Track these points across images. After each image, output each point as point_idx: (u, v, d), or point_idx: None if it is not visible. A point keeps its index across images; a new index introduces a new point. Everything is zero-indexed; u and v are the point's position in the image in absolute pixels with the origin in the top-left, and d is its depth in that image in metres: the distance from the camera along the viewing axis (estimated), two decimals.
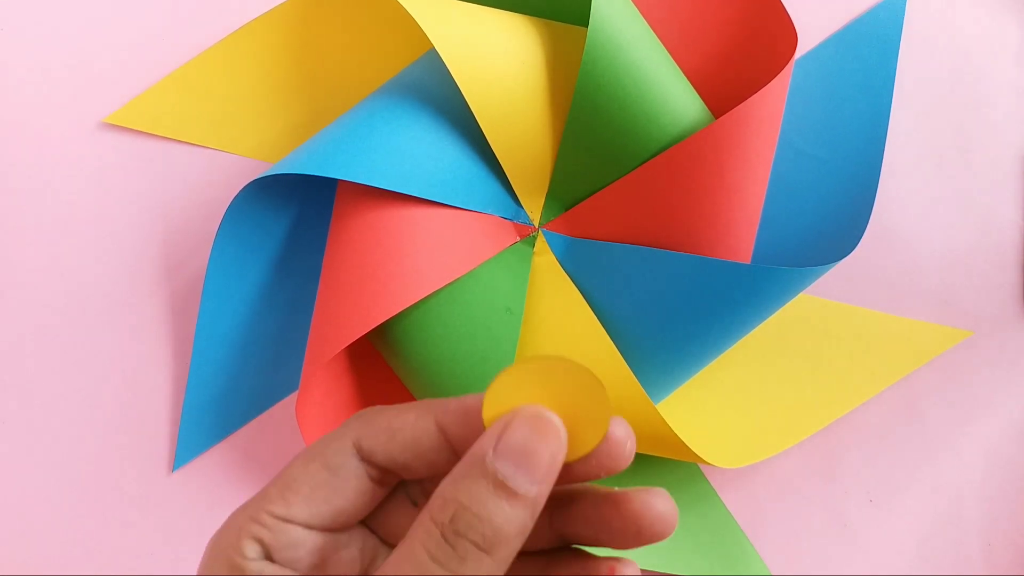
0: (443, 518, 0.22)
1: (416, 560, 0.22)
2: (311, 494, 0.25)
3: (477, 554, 0.22)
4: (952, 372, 0.47)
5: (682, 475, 0.45)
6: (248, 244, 0.44)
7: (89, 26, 0.47)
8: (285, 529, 0.25)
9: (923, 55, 0.48)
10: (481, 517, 0.22)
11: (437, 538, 0.22)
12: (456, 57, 0.39)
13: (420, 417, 0.25)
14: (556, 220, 0.43)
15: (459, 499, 0.22)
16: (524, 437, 0.22)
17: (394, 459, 0.25)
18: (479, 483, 0.22)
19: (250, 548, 0.25)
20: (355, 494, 0.25)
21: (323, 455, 0.26)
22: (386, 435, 0.25)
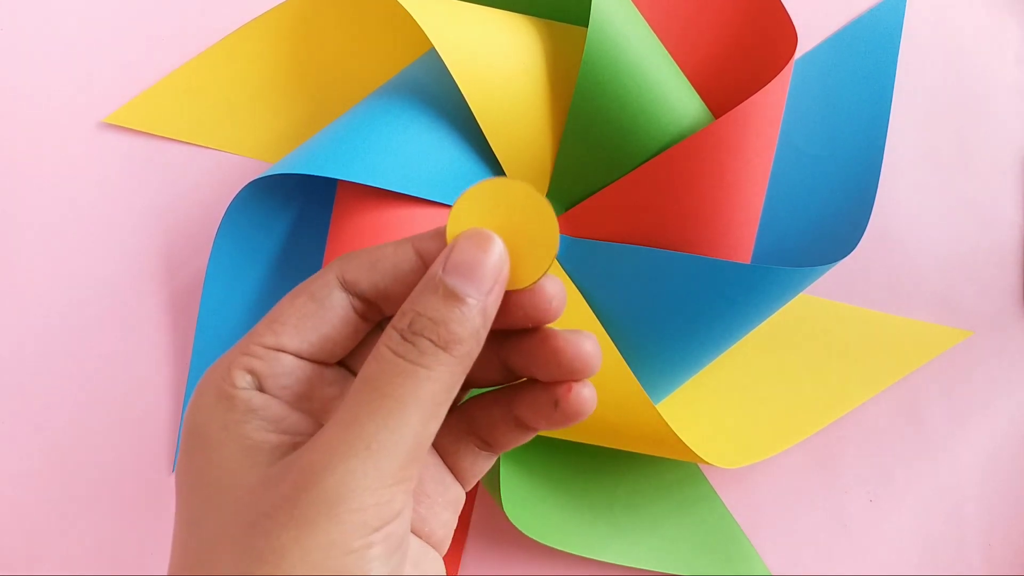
0: (403, 324, 0.25)
1: (381, 357, 0.24)
2: (299, 324, 0.27)
3: (434, 349, 0.25)
4: (952, 372, 0.47)
5: (682, 475, 0.45)
6: (248, 244, 0.44)
7: (89, 26, 0.47)
8: (275, 357, 0.26)
9: (923, 55, 0.48)
10: (435, 320, 0.25)
11: (398, 339, 0.25)
12: (456, 57, 0.39)
13: (398, 246, 0.27)
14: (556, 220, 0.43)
15: (415, 309, 0.25)
16: (468, 253, 0.25)
17: (376, 286, 0.27)
18: (433, 296, 0.25)
19: (241, 377, 0.26)
20: (341, 323, 0.27)
21: (308, 289, 0.27)
22: (368, 265, 0.27)
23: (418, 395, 0.24)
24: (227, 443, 0.25)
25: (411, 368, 0.24)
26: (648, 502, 0.44)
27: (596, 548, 0.43)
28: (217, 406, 0.26)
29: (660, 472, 0.45)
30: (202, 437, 0.26)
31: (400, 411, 0.24)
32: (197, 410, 0.26)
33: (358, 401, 0.24)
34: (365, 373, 0.25)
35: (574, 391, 0.27)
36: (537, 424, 0.28)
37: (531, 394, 0.28)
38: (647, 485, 0.45)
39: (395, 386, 0.24)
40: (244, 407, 0.26)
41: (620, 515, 0.44)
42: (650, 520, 0.44)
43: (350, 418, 0.24)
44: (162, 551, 0.45)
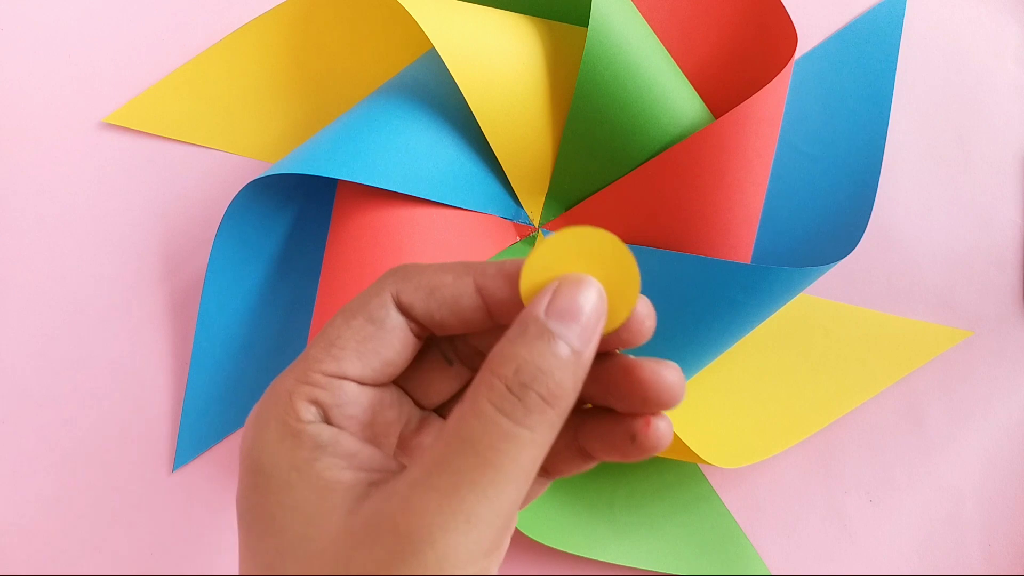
0: (507, 372, 0.23)
1: (483, 413, 0.23)
2: (359, 347, 0.26)
3: (542, 406, 0.23)
4: (952, 372, 0.47)
5: (682, 475, 0.45)
6: (248, 244, 0.44)
7: (89, 26, 0.47)
8: (339, 386, 0.25)
9: (923, 55, 0.48)
10: (543, 370, 0.23)
11: (502, 391, 0.23)
12: (456, 57, 0.39)
13: (459, 277, 0.26)
14: (556, 220, 0.43)
15: (521, 355, 0.23)
16: (572, 299, 0.24)
17: (431, 315, 0.26)
18: (537, 340, 0.23)
19: (306, 410, 0.25)
20: (401, 345, 0.26)
21: (364, 310, 0.26)
22: (425, 291, 0.26)
23: (520, 462, 0.23)
24: (298, 484, 0.24)
25: (515, 430, 0.23)
26: (648, 502, 0.44)
27: (596, 548, 0.43)
28: (283, 443, 0.25)
29: (660, 472, 0.45)
30: (268, 476, 0.25)
31: (503, 482, 0.23)
32: (260, 446, 0.25)
33: (458, 466, 0.22)
34: (464, 434, 0.23)
35: (653, 425, 0.26)
36: (607, 456, 0.27)
37: (602, 425, 0.27)
38: (647, 485, 0.45)
39: (498, 452, 0.22)
40: (313, 443, 0.25)
41: (620, 515, 0.44)
42: (650, 520, 0.44)
43: (448, 485, 0.22)
44: (162, 551, 0.45)
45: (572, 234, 0.25)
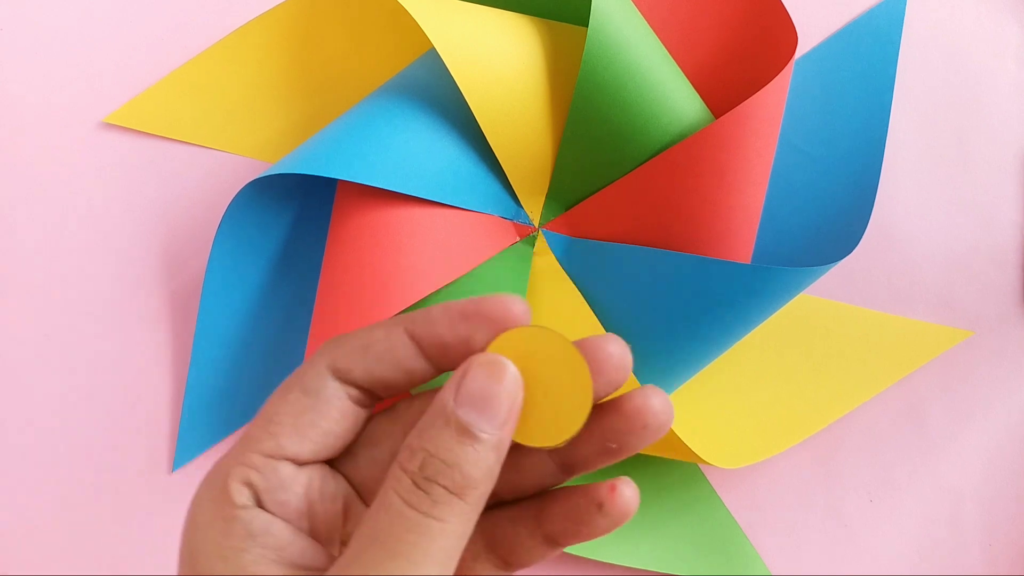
0: (412, 466, 0.23)
1: (391, 507, 0.23)
2: (296, 422, 0.25)
3: (448, 497, 0.23)
4: (952, 372, 0.47)
5: (682, 475, 0.45)
6: (248, 244, 0.44)
7: (89, 26, 0.47)
8: (274, 468, 0.25)
9: (923, 55, 0.48)
10: (448, 462, 0.23)
11: (408, 485, 0.23)
12: (456, 57, 0.39)
13: (390, 329, 0.25)
14: (556, 220, 0.43)
15: (426, 447, 0.23)
16: (481, 384, 0.23)
17: (371, 373, 0.25)
18: (444, 431, 0.23)
19: (239, 493, 0.24)
20: (339, 415, 0.25)
21: (300, 383, 0.25)
22: (359, 352, 0.25)
23: (431, 552, 0.22)
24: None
25: (424, 522, 0.22)
26: (648, 502, 0.44)
27: (596, 548, 0.43)
28: (212, 527, 0.24)
29: (660, 472, 0.45)
30: (195, 561, 0.24)
31: (414, 573, 0.22)
32: (193, 529, 0.25)
33: (369, 561, 0.22)
34: (374, 528, 0.23)
35: (618, 490, 0.25)
36: (575, 535, 0.26)
37: (566, 503, 0.26)
38: (647, 485, 0.45)
39: (408, 544, 0.22)
40: (244, 531, 0.24)
41: None
42: (650, 520, 0.44)
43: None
44: (162, 551, 0.45)
45: (526, 333, 0.24)
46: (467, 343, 0.24)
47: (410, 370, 0.25)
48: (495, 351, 0.24)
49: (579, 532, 0.26)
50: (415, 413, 0.26)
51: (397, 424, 0.27)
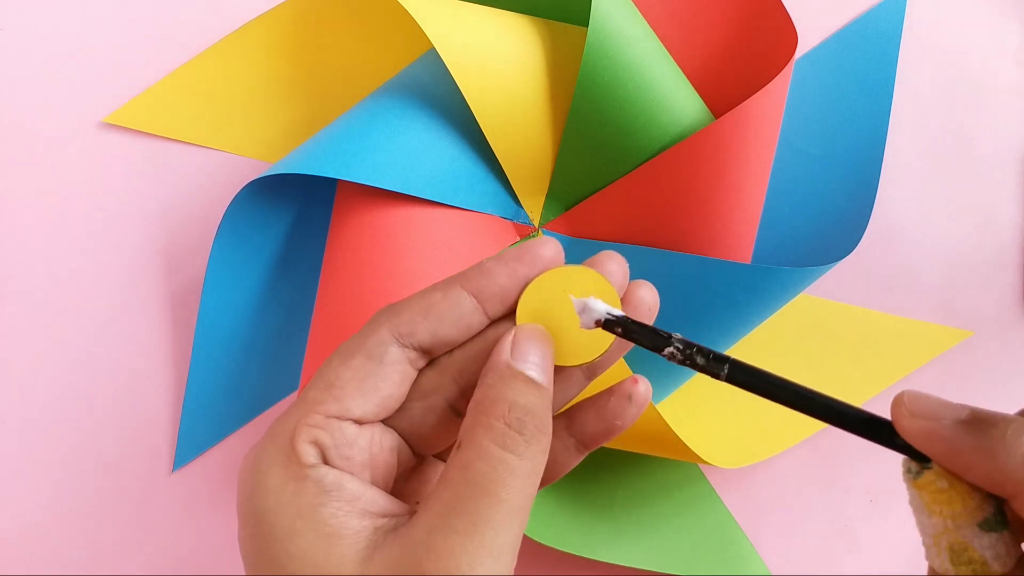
0: (502, 411, 0.25)
1: (488, 454, 0.25)
2: (360, 386, 0.26)
3: (539, 436, 0.25)
4: (952, 372, 0.47)
5: (682, 475, 0.45)
6: (248, 244, 0.44)
7: (89, 26, 0.47)
8: (340, 427, 0.26)
9: (923, 55, 0.48)
10: (530, 407, 0.25)
11: (503, 430, 0.25)
12: (456, 57, 0.39)
13: (447, 289, 0.27)
14: (556, 220, 0.43)
15: (507, 396, 0.25)
16: (532, 345, 0.26)
17: (435, 332, 0.27)
18: (515, 381, 0.26)
19: (309, 453, 0.25)
20: (400, 378, 0.27)
21: (363, 349, 0.27)
22: (421, 314, 0.27)
23: (526, 492, 0.25)
24: (304, 532, 0.24)
25: (518, 464, 0.25)
26: (648, 502, 0.44)
27: (596, 548, 0.43)
28: (285, 488, 0.25)
29: (660, 472, 0.45)
30: (271, 524, 0.25)
31: (514, 513, 0.24)
32: (261, 492, 0.25)
33: (474, 507, 0.24)
34: (473, 474, 0.24)
35: (639, 380, 0.29)
36: (607, 433, 0.29)
37: (596, 407, 0.29)
38: (647, 485, 0.45)
39: (507, 487, 0.24)
40: (317, 488, 0.25)
41: (620, 515, 0.44)
42: (650, 520, 0.44)
43: (468, 525, 0.24)
44: (162, 551, 0.45)
45: (562, 272, 0.28)
46: (524, 284, 0.27)
47: (469, 324, 0.27)
48: (537, 287, 0.27)
49: (611, 428, 0.29)
50: (458, 364, 0.28)
51: (445, 375, 0.28)
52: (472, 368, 0.28)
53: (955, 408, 0.25)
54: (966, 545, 0.24)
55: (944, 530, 0.25)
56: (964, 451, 0.24)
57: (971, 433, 0.24)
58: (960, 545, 0.24)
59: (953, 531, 0.24)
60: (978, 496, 0.24)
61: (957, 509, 0.24)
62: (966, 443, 0.24)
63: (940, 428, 0.24)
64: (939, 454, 0.24)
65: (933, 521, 0.25)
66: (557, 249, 0.28)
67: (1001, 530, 0.24)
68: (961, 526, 0.24)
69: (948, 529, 0.24)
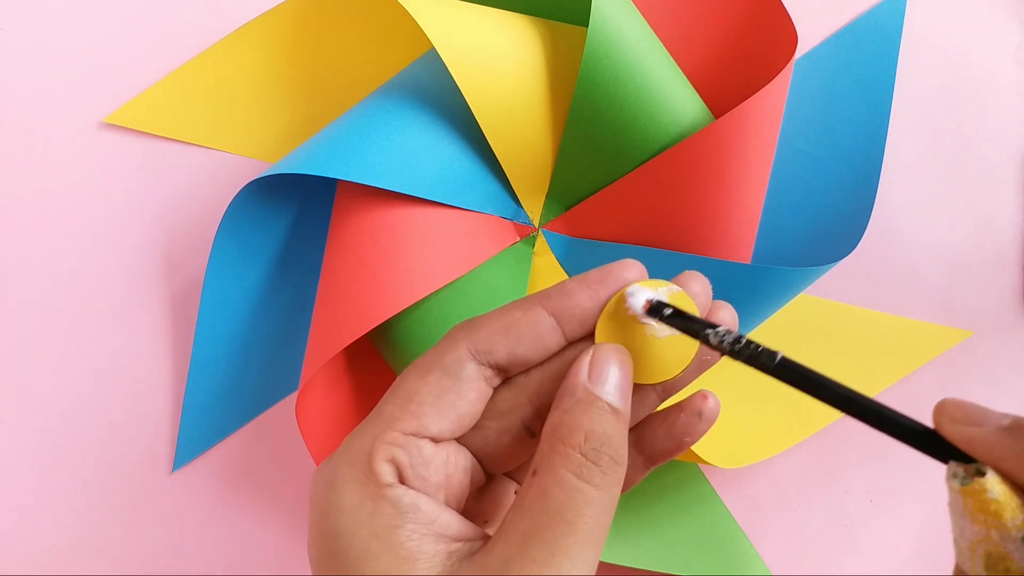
0: (578, 440, 0.25)
1: (565, 483, 0.24)
2: (437, 402, 0.26)
3: (614, 466, 0.25)
4: (952, 372, 0.47)
5: (682, 475, 0.45)
6: (248, 244, 0.44)
7: (89, 26, 0.47)
8: (417, 445, 0.26)
9: (923, 55, 0.48)
10: (607, 434, 0.25)
11: (579, 460, 0.24)
12: (456, 57, 0.39)
13: (527, 308, 0.27)
14: (556, 220, 0.43)
15: (584, 423, 0.25)
16: (611, 368, 0.26)
17: (513, 351, 0.27)
18: (592, 408, 0.25)
19: (387, 472, 0.25)
20: (476, 395, 0.27)
21: (440, 365, 0.27)
22: (501, 332, 0.27)
23: (602, 522, 0.24)
24: (380, 554, 0.24)
25: (595, 494, 0.24)
26: (648, 502, 0.44)
27: None
28: (362, 508, 0.25)
29: (660, 472, 0.45)
30: (347, 544, 0.25)
31: (591, 544, 0.24)
32: (337, 511, 0.25)
33: (551, 537, 0.24)
34: (551, 503, 0.24)
35: (708, 396, 0.29)
36: (677, 448, 0.29)
37: (666, 423, 0.29)
38: (647, 485, 0.45)
39: (584, 518, 0.24)
40: (394, 509, 0.25)
41: (620, 515, 0.44)
42: (650, 520, 0.44)
43: (546, 556, 0.23)
44: (162, 551, 0.45)
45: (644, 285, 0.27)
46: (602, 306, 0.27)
47: (548, 345, 0.27)
48: (618, 304, 0.27)
49: (681, 444, 0.29)
50: (535, 384, 0.28)
51: (521, 396, 0.28)
52: (548, 388, 0.27)
53: (997, 415, 0.24)
54: (1005, 555, 0.24)
55: (985, 538, 0.24)
56: (1008, 457, 0.23)
57: (1015, 438, 0.24)
58: (999, 555, 0.24)
59: (996, 541, 0.24)
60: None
61: (1004, 520, 0.24)
62: (1010, 449, 0.23)
63: (983, 434, 0.24)
64: (982, 460, 0.24)
65: (975, 528, 0.25)
66: (641, 272, 0.28)
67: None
68: (1005, 537, 0.24)
69: (990, 539, 0.24)
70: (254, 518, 0.45)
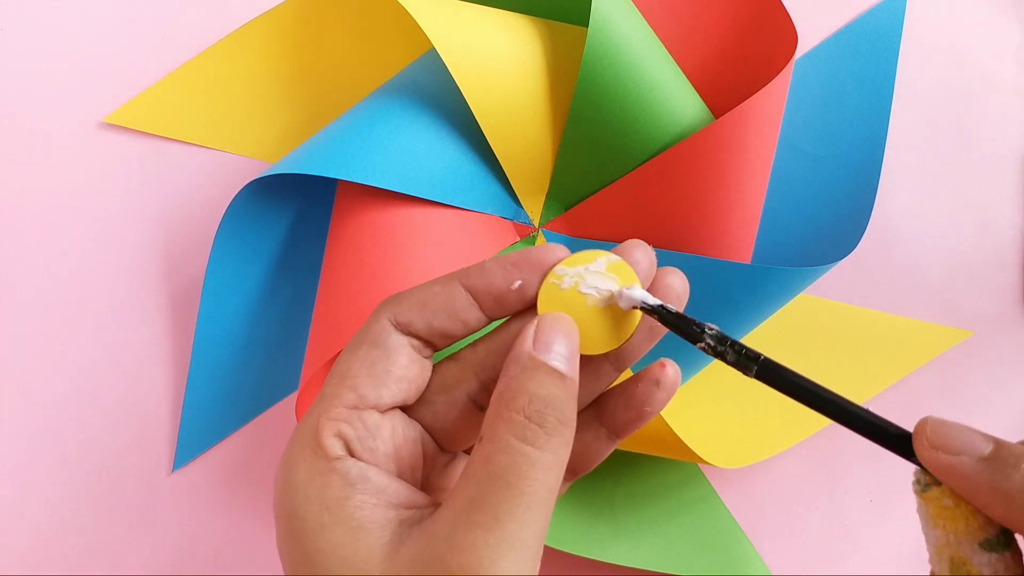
0: (522, 404, 0.25)
1: (508, 447, 0.25)
2: (370, 371, 0.27)
3: (560, 428, 0.25)
4: (952, 372, 0.47)
5: (682, 475, 0.45)
6: (248, 244, 0.44)
7: (89, 26, 0.47)
8: (361, 417, 0.26)
9: (923, 55, 0.48)
10: (552, 397, 0.25)
11: (522, 422, 0.25)
12: (456, 57, 0.39)
13: (446, 284, 0.28)
14: (556, 220, 0.43)
15: (528, 387, 0.25)
16: (554, 333, 0.26)
17: (430, 324, 0.27)
18: (537, 372, 0.25)
19: (334, 446, 0.26)
20: (407, 361, 0.27)
21: (366, 338, 0.27)
22: (419, 306, 0.27)
23: (548, 484, 0.25)
24: (332, 526, 0.25)
25: (539, 456, 0.24)
26: (648, 502, 0.44)
27: (596, 548, 0.43)
28: (312, 483, 0.25)
29: (660, 472, 0.45)
30: (302, 520, 0.25)
31: (537, 505, 0.24)
32: (290, 489, 0.26)
33: (495, 500, 0.24)
34: (494, 467, 0.24)
35: (666, 364, 0.29)
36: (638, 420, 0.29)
37: (625, 395, 0.29)
38: (647, 485, 0.45)
39: (528, 480, 0.24)
40: (343, 481, 0.25)
41: (620, 515, 0.44)
42: (650, 520, 0.44)
43: (490, 519, 0.24)
44: (162, 551, 0.45)
45: (581, 256, 0.27)
46: (520, 289, 0.27)
47: (465, 320, 0.27)
48: (555, 280, 0.27)
49: (642, 415, 0.29)
50: (480, 358, 0.28)
51: (467, 370, 0.28)
52: (493, 362, 0.28)
53: (977, 443, 0.24)
54: (965, 560, 0.24)
55: (946, 543, 0.25)
56: (983, 491, 0.24)
57: (990, 472, 0.24)
58: (960, 560, 0.24)
59: (955, 545, 0.24)
60: (982, 518, 0.24)
61: (960, 527, 0.24)
62: (986, 483, 0.23)
63: (960, 465, 0.24)
64: (956, 488, 0.24)
65: (936, 533, 0.25)
66: (563, 254, 0.28)
67: (1003, 551, 0.24)
68: (963, 542, 0.24)
69: (950, 543, 0.25)
70: (254, 518, 0.45)
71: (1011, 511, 0.23)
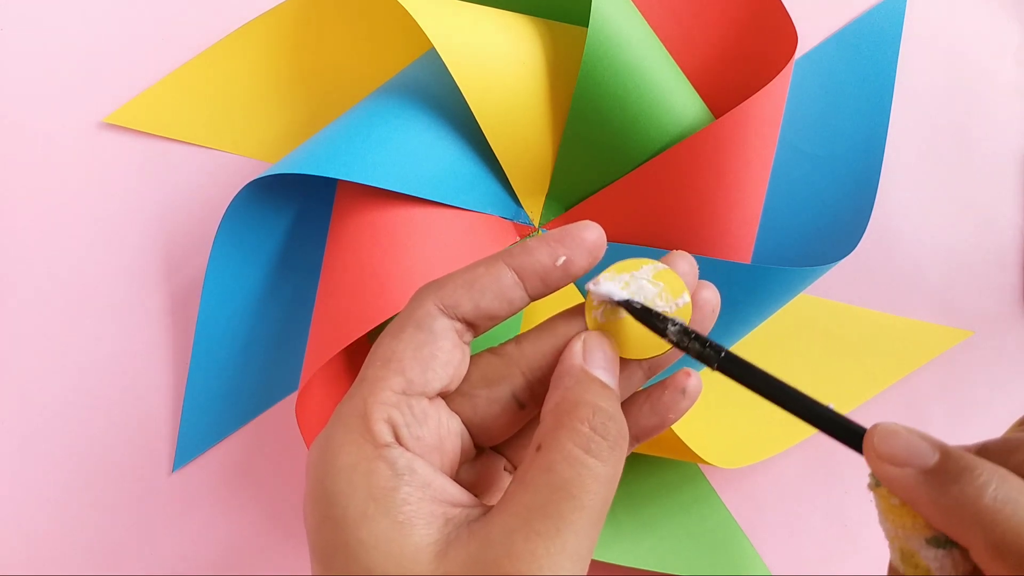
0: (586, 415, 0.25)
1: (573, 458, 0.24)
2: (416, 355, 0.26)
3: (622, 442, 0.25)
4: (952, 372, 0.47)
5: (682, 475, 0.45)
6: (248, 244, 0.44)
7: (89, 26, 0.47)
8: (409, 403, 0.26)
9: (923, 55, 0.48)
10: (609, 412, 0.25)
11: (588, 434, 0.25)
12: (456, 57, 0.39)
13: (490, 264, 0.28)
14: (556, 220, 0.43)
15: (590, 400, 0.25)
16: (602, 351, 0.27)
17: (478, 305, 0.27)
18: (593, 386, 0.26)
19: (384, 432, 0.25)
20: (451, 346, 0.27)
21: (411, 322, 0.27)
22: (465, 287, 0.27)
23: (606, 498, 0.25)
24: (378, 517, 0.24)
25: (602, 469, 0.24)
26: (648, 502, 0.44)
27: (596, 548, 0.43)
28: (356, 469, 0.24)
29: (660, 472, 0.45)
30: (343, 508, 0.24)
31: (595, 519, 0.24)
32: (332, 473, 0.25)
33: (557, 510, 0.24)
34: (557, 478, 0.24)
35: (691, 374, 0.30)
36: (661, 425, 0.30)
37: (650, 401, 0.30)
38: (647, 485, 0.45)
39: (590, 493, 0.24)
40: (391, 470, 0.24)
41: (620, 515, 0.44)
42: (650, 520, 0.44)
43: (551, 529, 0.23)
44: (162, 551, 0.45)
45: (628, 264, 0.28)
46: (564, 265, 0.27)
47: (511, 299, 0.27)
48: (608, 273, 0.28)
49: (665, 421, 0.30)
50: (528, 355, 0.28)
51: (512, 366, 0.28)
52: (540, 362, 0.28)
53: (924, 452, 0.24)
54: (914, 553, 0.25)
55: (895, 536, 0.25)
56: (924, 503, 0.24)
57: (929, 486, 0.24)
58: (909, 552, 0.25)
59: (903, 539, 0.25)
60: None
61: (908, 523, 0.25)
62: (926, 496, 0.24)
63: (903, 477, 0.24)
64: (900, 497, 0.25)
65: (887, 526, 0.26)
66: (600, 234, 0.28)
67: (950, 548, 0.24)
68: (911, 537, 0.25)
69: (899, 536, 0.25)
70: (254, 518, 0.45)
71: (950, 524, 0.23)
